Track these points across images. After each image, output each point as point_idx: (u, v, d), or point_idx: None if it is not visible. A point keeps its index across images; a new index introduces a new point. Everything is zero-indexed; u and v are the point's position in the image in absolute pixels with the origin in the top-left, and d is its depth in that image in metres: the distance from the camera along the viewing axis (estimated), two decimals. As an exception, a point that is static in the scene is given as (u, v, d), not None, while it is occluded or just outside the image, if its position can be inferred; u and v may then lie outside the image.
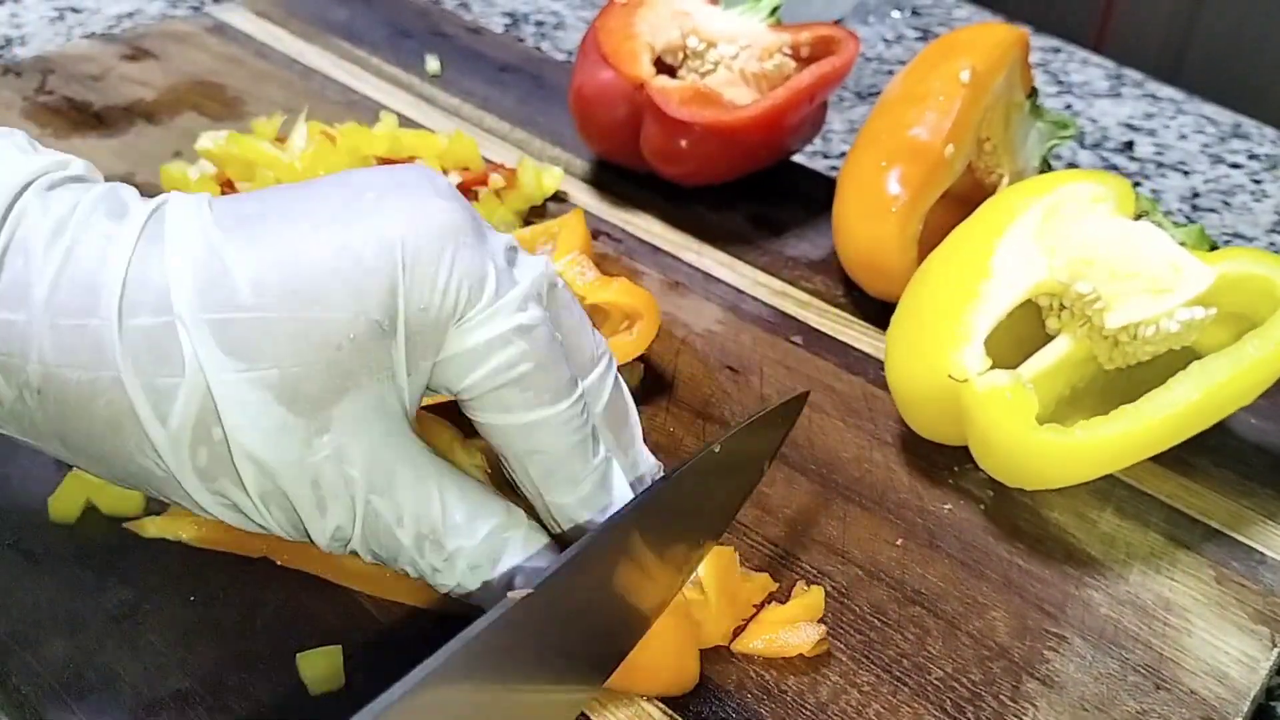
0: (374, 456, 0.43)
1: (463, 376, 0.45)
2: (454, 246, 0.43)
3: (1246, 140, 1.01)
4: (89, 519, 0.56)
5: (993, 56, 0.72)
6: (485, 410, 0.45)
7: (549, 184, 0.82)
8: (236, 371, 0.41)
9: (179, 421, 0.41)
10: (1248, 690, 0.52)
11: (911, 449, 0.64)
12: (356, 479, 0.43)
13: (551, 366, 0.45)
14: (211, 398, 0.41)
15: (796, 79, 0.79)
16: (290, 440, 0.42)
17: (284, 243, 0.42)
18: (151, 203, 0.44)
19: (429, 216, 0.44)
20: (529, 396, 0.45)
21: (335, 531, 0.44)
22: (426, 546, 0.45)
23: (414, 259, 0.43)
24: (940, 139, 0.69)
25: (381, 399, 0.44)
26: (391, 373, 0.44)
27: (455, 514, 0.45)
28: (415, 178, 0.46)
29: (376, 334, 0.42)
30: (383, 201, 0.44)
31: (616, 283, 0.64)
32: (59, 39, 1.03)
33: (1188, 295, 0.59)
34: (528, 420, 0.45)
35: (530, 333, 0.45)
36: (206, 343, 0.41)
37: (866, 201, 0.71)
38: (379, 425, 0.44)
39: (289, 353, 0.41)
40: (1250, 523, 0.61)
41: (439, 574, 0.46)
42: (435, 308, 0.43)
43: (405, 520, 0.44)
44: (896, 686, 0.52)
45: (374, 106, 0.92)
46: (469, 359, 0.44)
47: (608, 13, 0.82)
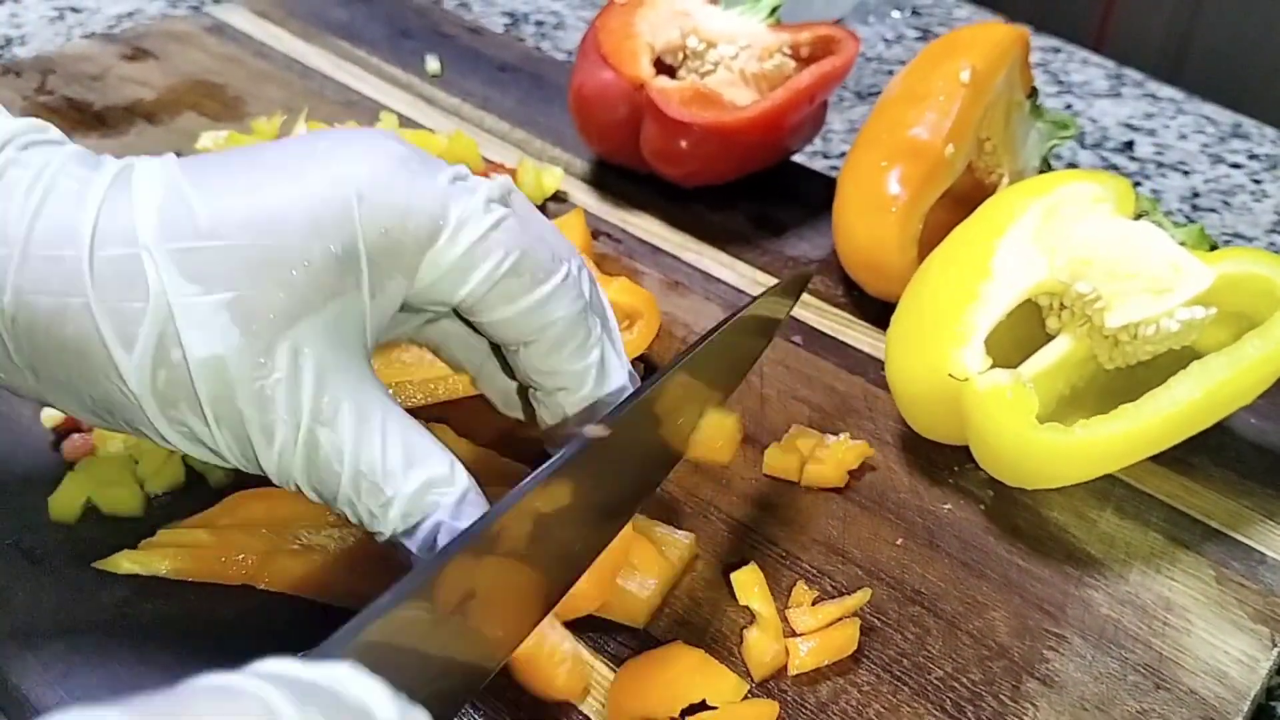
0: (323, 384, 0.45)
1: (460, 286, 0.48)
2: (407, 174, 0.47)
3: (1246, 140, 1.01)
4: (89, 519, 0.56)
5: (993, 56, 0.72)
6: (492, 308, 0.48)
7: (549, 184, 0.82)
8: (196, 295, 0.43)
9: (142, 344, 0.43)
10: (1247, 690, 0.52)
11: (911, 449, 0.64)
12: (303, 405, 0.45)
13: (534, 246, 0.49)
14: (173, 320, 0.43)
15: (796, 79, 0.79)
16: (244, 359, 0.44)
17: (244, 183, 0.45)
18: (122, 160, 0.47)
19: (380, 150, 0.47)
20: (525, 280, 0.48)
21: (280, 457, 0.46)
22: (363, 486, 0.46)
23: (370, 187, 0.46)
24: (940, 138, 0.69)
25: (339, 325, 0.46)
26: (350, 297, 0.46)
27: (394, 458, 0.46)
28: (365, 130, 0.50)
29: (332, 260, 0.45)
30: (338, 145, 0.47)
31: (617, 282, 0.64)
32: (59, 39, 1.03)
33: (1188, 295, 0.59)
34: (533, 299, 0.49)
35: (502, 225, 0.48)
36: (169, 269, 0.43)
37: (866, 201, 0.71)
38: (332, 353, 0.45)
39: (245, 277, 0.44)
40: (1250, 522, 0.61)
41: (375, 520, 0.46)
42: (397, 228, 0.46)
43: (345, 455, 0.45)
44: (896, 686, 0.52)
45: (374, 106, 0.92)
46: (459, 270, 0.47)
47: (607, 13, 0.82)
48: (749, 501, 0.60)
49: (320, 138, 0.48)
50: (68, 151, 0.46)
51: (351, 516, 0.47)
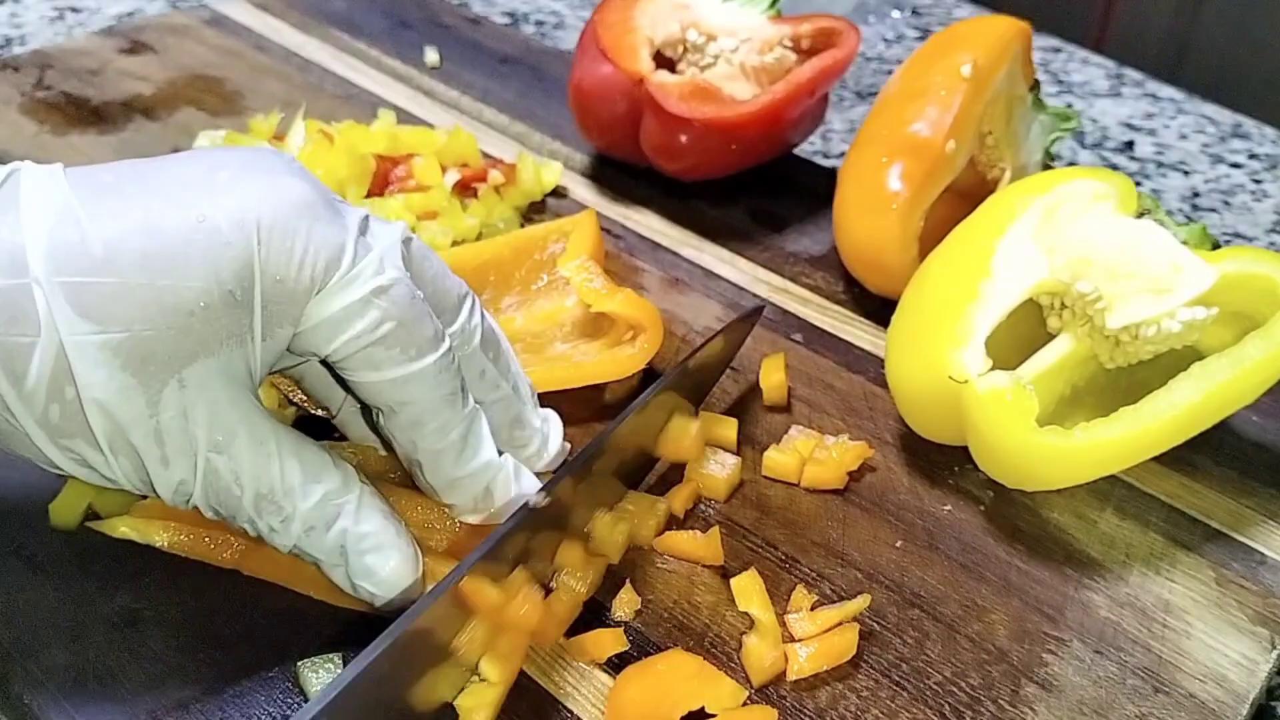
0: (216, 418, 0.46)
1: (330, 341, 0.47)
2: (309, 220, 0.46)
3: (1247, 140, 1.01)
4: (90, 526, 0.56)
5: (994, 50, 0.71)
6: (356, 370, 0.48)
7: (548, 179, 0.82)
8: (90, 333, 0.43)
9: (34, 380, 0.43)
10: (1247, 693, 0.52)
11: (911, 449, 0.64)
12: (199, 438, 0.45)
13: (415, 323, 0.48)
14: (65, 357, 0.43)
15: (797, 72, 0.78)
16: (139, 398, 0.44)
17: (141, 212, 0.44)
18: (4, 168, 0.45)
19: (284, 193, 0.46)
20: (395, 353, 0.48)
21: (178, 485, 0.46)
22: (264, 506, 0.47)
23: (269, 233, 0.45)
24: (941, 134, 0.69)
25: (229, 364, 0.46)
26: (242, 340, 0.46)
27: (291, 476, 0.47)
28: (268, 158, 0.48)
29: (229, 303, 0.45)
30: (239, 179, 0.46)
31: (622, 294, 0.64)
32: (59, 38, 1.02)
33: (1189, 295, 0.59)
34: (397, 375, 0.48)
35: (388, 292, 0.47)
36: (61, 305, 0.43)
37: (867, 198, 0.71)
38: (224, 389, 0.46)
39: (141, 317, 0.43)
40: (1251, 523, 0.61)
41: (275, 534, 0.48)
42: (292, 279, 0.46)
43: (244, 479, 0.46)
44: (895, 691, 0.52)
45: (373, 100, 0.92)
46: (332, 324, 0.47)
47: (607, 6, 0.81)
48: (748, 504, 0.60)
49: (220, 165, 0.47)
50: None
51: (252, 531, 0.48)
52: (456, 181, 0.78)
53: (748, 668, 0.52)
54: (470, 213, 0.77)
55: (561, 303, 0.68)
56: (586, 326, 0.67)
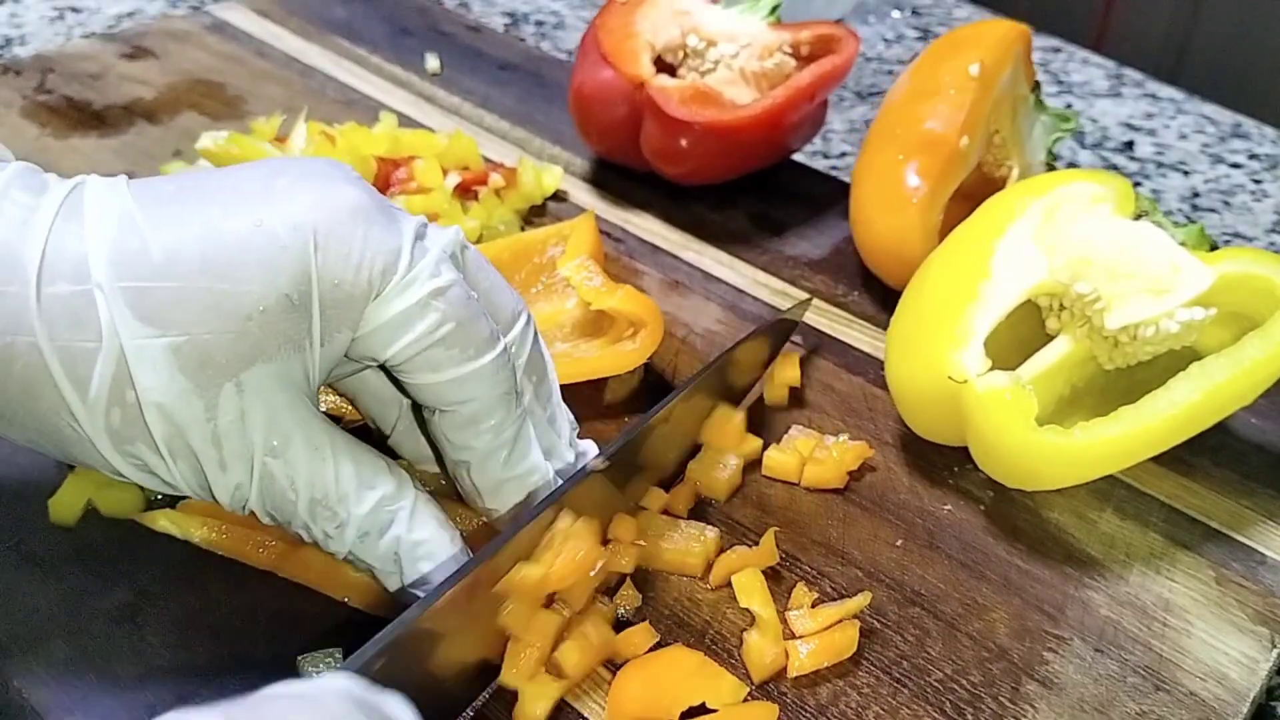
0: (273, 422, 0.46)
1: (389, 345, 0.47)
2: (365, 225, 0.46)
3: (1246, 140, 1.01)
4: (90, 521, 0.56)
5: (999, 51, 0.73)
6: (415, 372, 0.48)
7: (549, 183, 0.82)
8: (150, 337, 0.43)
9: (96, 385, 0.43)
10: (1247, 691, 0.52)
11: (911, 449, 0.64)
12: (256, 442, 0.46)
13: (472, 322, 0.48)
14: (125, 362, 0.43)
15: (797, 78, 0.79)
16: (197, 402, 0.44)
17: (201, 219, 0.45)
18: (70, 181, 0.46)
19: (340, 199, 0.46)
20: (455, 354, 0.48)
21: (235, 490, 0.47)
22: (319, 512, 0.47)
23: (327, 238, 0.45)
24: (955, 130, 0.70)
25: (287, 369, 0.46)
26: (300, 344, 0.46)
27: (345, 482, 0.47)
28: (325, 166, 0.49)
29: (287, 308, 0.45)
30: (296, 186, 0.46)
31: (622, 290, 0.64)
32: (59, 39, 1.03)
33: (1188, 295, 0.59)
34: (455, 375, 0.48)
35: (446, 294, 0.48)
36: (122, 310, 0.43)
37: (887, 194, 0.72)
38: (281, 394, 0.46)
39: (201, 321, 0.44)
40: (1250, 523, 0.61)
41: (331, 540, 0.48)
42: (349, 283, 0.46)
43: (299, 484, 0.47)
44: (896, 688, 0.52)
45: (374, 105, 0.92)
46: (392, 328, 0.47)
47: (608, 11, 0.82)
48: (749, 503, 0.60)
49: (278, 172, 0.47)
50: (11, 171, 0.45)
51: (307, 537, 0.49)
52: (457, 184, 0.78)
53: (748, 664, 0.52)
54: (471, 215, 0.77)
55: (562, 304, 0.69)
56: (587, 327, 0.67)
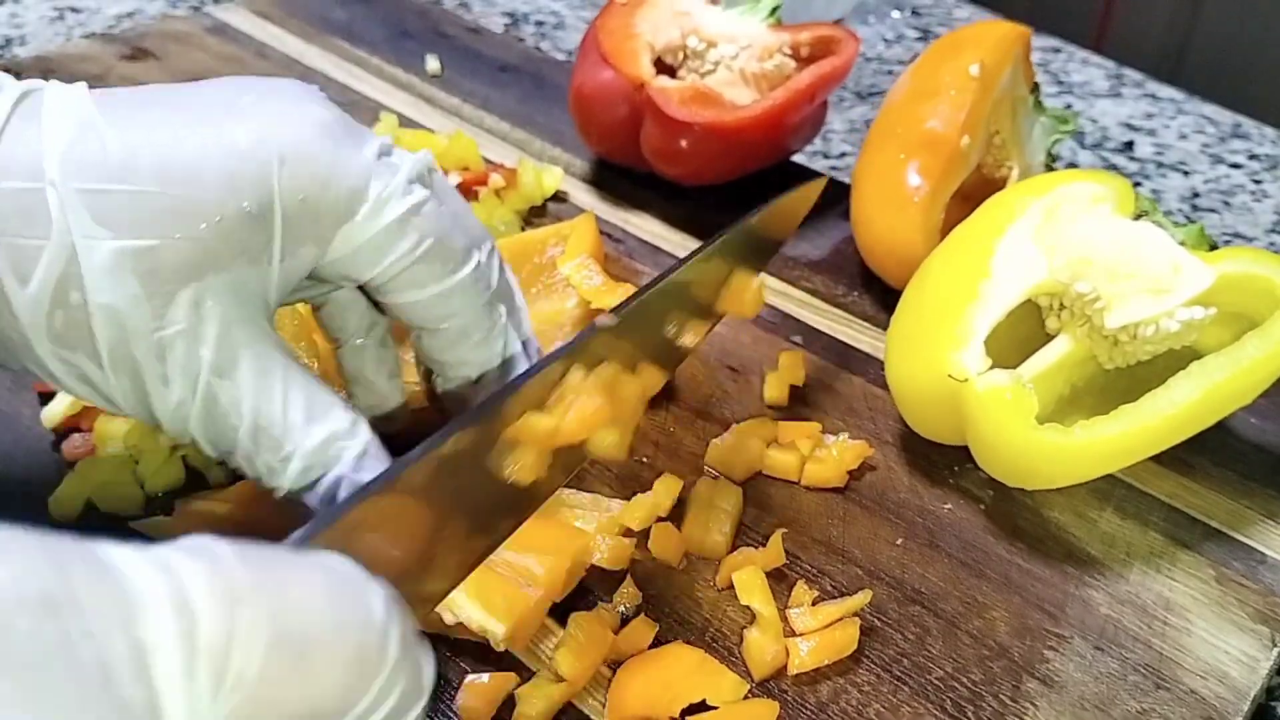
0: (223, 339, 0.45)
1: (372, 265, 0.47)
2: (333, 143, 0.46)
3: (1246, 140, 1.01)
4: (89, 519, 0.56)
5: (998, 52, 0.73)
6: (399, 291, 0.48)
7: (549, 184, 0.83)
8: (103, 239, 0.43)
9: (39, 283, 0.43)
10: (1248, 690, 0.53)
11: (911, 448, 0.64)
12: (203, 358, 0.44)
13: (449, 236, 0.49)
14: (76, 262, 0.43)
15: (796, 79, 0.79)
16: (145, 308, 0.44)
17: (162, 125, 0.45)
18: (26, 83, 0.45)
19: (307, 116, 0.46)
20: (436, 268, 0.48)
21: (176, 408, 0.45)
22: (262, 439, 0.45)
23: (291, 152, 0.45)
24: (956, 130, 0.70)
25: (243, 283, 0.45)
26: (257, 258, 0.45)
27: (295, 412, 0.45)
28: (291, 85, 0.48)
29: (245, 219, 0.44)
30: (262, 102, 0.46)
31: (622, 289, 0.64)
32: (59, 39, 1.03)
33: (1187, 295, 0.59)
34: (440, 289, 0.49)
35: (422, 209, 0.48)
36: (77, 209, 0.42)
37: (888, 194, 0.72)
38: (236, 310, 0.45)
39: (156, 225, 0.43)
40: (1250, 522, 0.61)
41: (274, 474, 0.46)
42: (315, 198, 0.45)
43: (244, 409, 0.45)
44: (896, 686, 0.52)
45: (374, 107, 0.92)
46: (372, 249, 0.47)
47: (608, 12, 0.82)
48: (748, 501, 0.60)
49: (244, 90, 0.47)
50: None
51: (249, 471, 0.47)
52: (458, 185, 0.78)
53: (749, 662, 0.52)
54: (471, 216, 0.77)
55: (562, 304, 0.69)
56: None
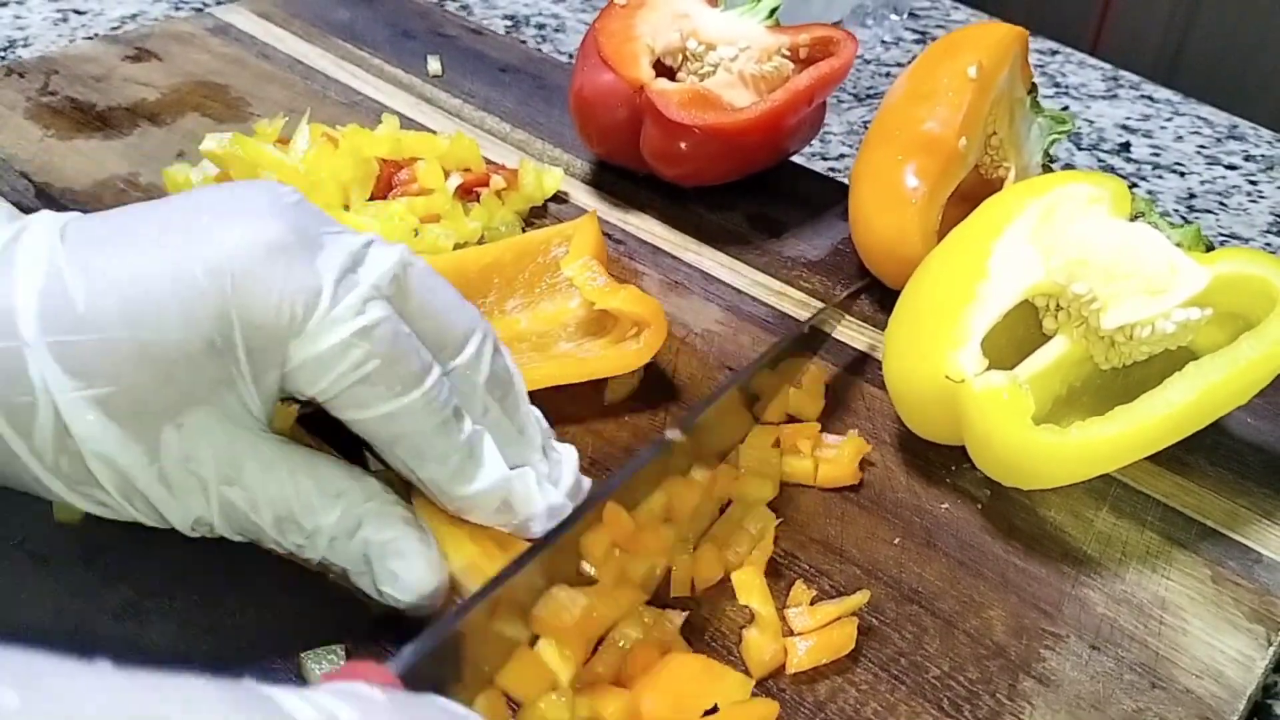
0: (221, 456, 0.46)
1: (314, 382, 0.47)
2: (285, 264, 0.45)
3: (1243, 141, 1.02)
4: (93, 520, 0.56)
5: (996, 53, 0.73)
6: (344, 408, 0.48)
7: (550, 185, 0.83)
8: (77, 390, 0.43)
9: (40, 436, 0.44)
10: (1244, 689, 0.53)
11: (909, 448, 0.65)
12: (207, 478, 0.46)
13: (399, 360, 0.48)
14: (59, 415, 0.44)
15: (795, 81, 0.79)
16: (136, 448, 0.45)
17: (121, 264, 0.45)
18: (13, 227, 0.46)
19: (259, 236, 0.46)
20: (380, 390, 0.47)
21: (195, 521, 0.47)
22: (286, 527, 0.48)
23: (242, 279, 0.45)
24: (953, 131, 0.71)
25: (225, 408, 0.46)
26: (231, 383, 0.46)
27: (307, 496, 0.48)
28: (251, 197, 0.48)
29: (211, 352, 0.45)
30: (216, 224, 0.46)
31: (625, 290, 0.65)
32: (62, 40, 1.03)
33: (1184, 296, 0.59)
34: (384, 411, 0.48)
35: (371, 333, 0.47)
36: (50, 365, 0.43)
37: (886, 195, 0.72)
38: (222, 432, 0.46)
39: (126, 371, 0.44)
40: (1246, 522, 0.61)
41: (303, 550, 0.49)
42: (270, 324, 0.45)
43: (261, 506, 0.47)
44: (894, 685, 0.52)
45: (376, 107, 0.92)
46: (315, 366, 0.46)
47: (607, 15, 0.82)
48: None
49: (202, 209, 0.47)
50: None
51: (281, 551, 0.49)
52: (459, 186, 0.78)
53: (747, 661, 0.52)
54: (472, 217, 0.78)
55: (565, 304, 0.69)
56: (591, 326, 0.68)
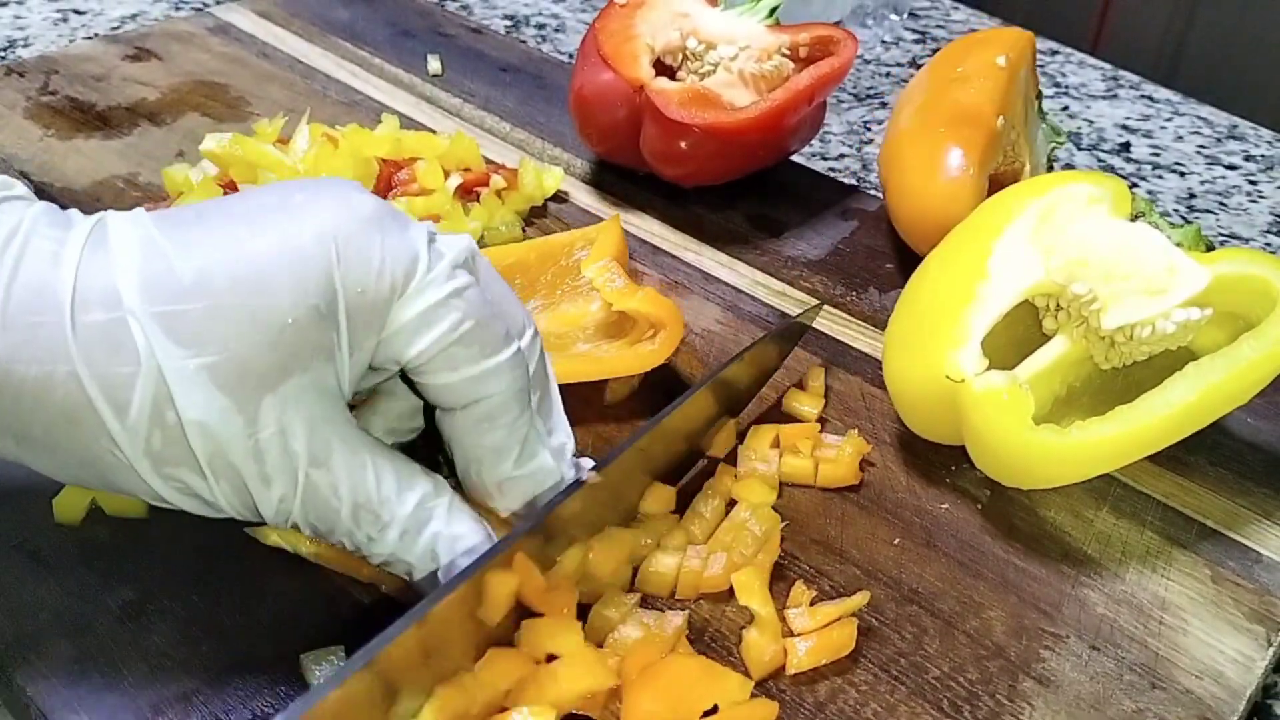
0: (313, 433, 0.47)
1: (411, 345, 0.48)
2: (382, 232, 0.47)
3: (1242, 141, 1.02)
4: (94, 520, 0.57)
5: (1016, 49, 0.76)
6: (435, 372, 0.49)
7: (550, 184, 0.83)
8: (186, 358, 0.44)
9: (136, 409, 0.44)
10: (1243, 689, 0.53)
11: (909, 448, 0.65)
12: (298, 453, 0.47)
13: (489, 321, 0.49)
14: (165, 384, 0.44)
15: (795, 80, 0.79)
16: (237, 418, 0.45)
17: (224, 238, 0.46)
18: (93, 216, 0.47)
19: (357, 207, 0.48)
20: (474, 351, 0.49)
21: (280, 503, 0.47)
22: (362, 516, 0.48)
23: (346, 245, 0.46)
24: (994, 108, 0.73)
25: (321, 379, 0.47)
26: (331, 353, 0.47)
27: (387, 486, 0.49)
28: (336, 181, 0.50)
29: (315, 317, 0.46)
30: (314, 199, 0.48)
31: (642, 291, 0.65)
32: (62, 41, 1.03)
33: (1184, 296, 0.59)
34: (474, 372, 0.49)
35: (464, 293, 0.49)
36: (157, 334, 0.44)
37: (933, 164, 0.73)
38: (318, 404, 0.47)
39: (234, 337, 0.45)
40: (1246, 522, 0.61)
41: (373, 543, 0.49)
42: (372, 289, 0.47)
43: (341, 491, 0.48)
44: (894, 685, 0.52)
45: (376, 107, 0.92)
46: (413, 328, 0.48)
47: (607, 14, 0.82)
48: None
49: (293, 190, 0.48)
50: (36, 210, 0.45)
51: (349, 545, 0.50)
52: (459, 186, 0.78)
53: (747, 661, 0.52)
54: (472, 216, 0.78)
55: (586, 307, 0.69)
56: (610, 328, 0.68)
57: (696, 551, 0.56)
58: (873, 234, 0.82)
